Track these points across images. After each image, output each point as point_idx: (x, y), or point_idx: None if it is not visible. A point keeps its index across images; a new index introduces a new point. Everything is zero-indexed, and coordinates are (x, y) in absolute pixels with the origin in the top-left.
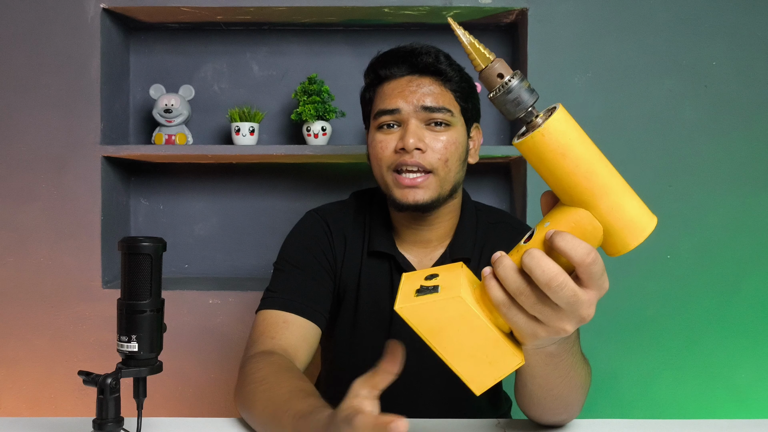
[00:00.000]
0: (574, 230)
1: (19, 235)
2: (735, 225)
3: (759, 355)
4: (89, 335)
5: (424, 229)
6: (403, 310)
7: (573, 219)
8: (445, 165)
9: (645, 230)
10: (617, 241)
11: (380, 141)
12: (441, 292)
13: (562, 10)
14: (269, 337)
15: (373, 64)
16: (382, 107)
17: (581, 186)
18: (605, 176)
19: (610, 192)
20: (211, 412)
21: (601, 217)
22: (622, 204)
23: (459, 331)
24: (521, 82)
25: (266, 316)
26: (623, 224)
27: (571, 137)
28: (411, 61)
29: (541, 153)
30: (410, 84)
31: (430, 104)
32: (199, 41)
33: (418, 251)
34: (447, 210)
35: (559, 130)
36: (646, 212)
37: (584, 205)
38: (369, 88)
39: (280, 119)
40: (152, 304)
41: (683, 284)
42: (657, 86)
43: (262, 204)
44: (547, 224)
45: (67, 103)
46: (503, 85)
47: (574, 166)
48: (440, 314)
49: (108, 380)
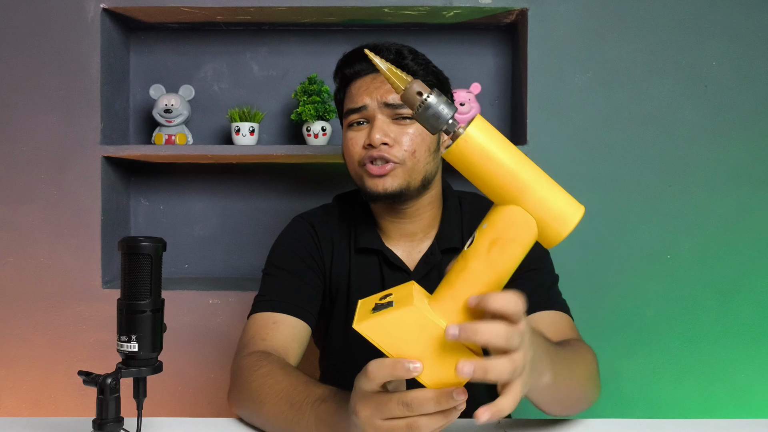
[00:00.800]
0: (509, 226)
1: (19, 235)
2: (735, 225)
3: (759, 355)
4: (89, 335)
5: (406, 222)
6: (361, 327)
7: (508, 216)
8: (413, 156)
9: (573, 219)
10: (550, 232)
11: (350, 138)
12: (395, 305)
13: (562, 10)
14: (260, 338)
15: (339, 66)
16: (350, 106)
17: (508, 185)
18: (528, 173)
19: (535, 187)
20: (211, 412)
21: (532, 211)
22: (548, 197)
23: (418, 341)
24: (438, 97)
25: (256, 319)
26: (552, 216)
27: (493, 140)
28: None
29: (467, 158)
30: (374, 81)
31: (393, 101)
32: (199, 41)
33: (404, 245)
34: (426, 201)
35: (480, 135)
36: (573, 202)
37: (515, 202)
38: (339, 89)
39: (280, 119)
40: (152, 304)
41: (683, 284)
42: (657, 86)
43: (262, 204)
44: (485, 226)
45: (67, 103)
46: (422, 102)
47: (499, 167)
48: (398, 326)
49: (108, 380)
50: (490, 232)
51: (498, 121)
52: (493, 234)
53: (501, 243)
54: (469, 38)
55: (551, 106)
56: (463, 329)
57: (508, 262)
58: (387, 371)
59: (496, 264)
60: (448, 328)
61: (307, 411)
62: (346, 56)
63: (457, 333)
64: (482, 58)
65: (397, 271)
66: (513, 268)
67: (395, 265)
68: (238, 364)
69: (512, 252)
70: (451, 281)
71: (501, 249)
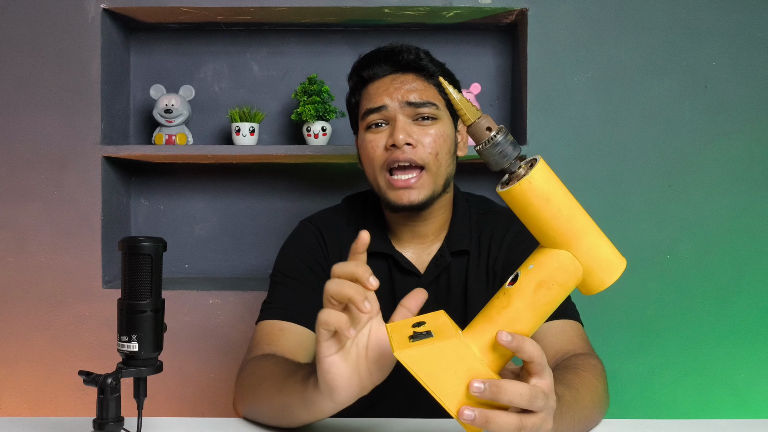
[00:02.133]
0: (558, 270)
1: (19, 235)
2: (735, 225)
3: (759, 355)
4: (89, 335)
5: (419, 224)
6: (402, 356)
7: (557, 260)
8: (436, 159)
9: (618, 268)
10: (594, 279)
11: (370, 140)
12: (436, 336)
13: (562, 10)
14: (266, 344)
15: (356, 67)
16: (368, 106)
17: (563, 229)
18: (583, 219)
19: (588, 233)
20: (211, 412)
21: (581, 257)
22: (599, 245)
23: (456, 374)
24: (506, 136)
25: (263, 326)
26: (600, 263)
27: (553, 185)
28: (393, 59)
29: (528, 200)
30: (394, 82)
31: (415, 100)
32: (199, 41)
33: (415, 247)
34: (440, 204)
35: (543, 178)
36: (617, 253)
37: (566, 246)
38: (354, 92)
39: (280, 119)
40: (152, 304)
41: (683, 284)
42: (657, 86)
43: (262, 204)
44: (531, 267)
45: (67, 103)
46: (490, 138)
47: (556, 211)
48: (438, 357)
49: (108, 380)
50: (537, 273)
51: (498, 121)
52: (541, 276)
53: (548, 286)
54: (469, 38)
55: (551, 106)
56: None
57: (552, 305)
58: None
59: (540, 306)
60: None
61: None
62: (363, 58)
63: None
64: (482, 58)
65: (407, 275)
66: (552, 311)
67: (405, 269)
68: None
69: (557, 296)
70: (491, 317)
71: (547, 292)
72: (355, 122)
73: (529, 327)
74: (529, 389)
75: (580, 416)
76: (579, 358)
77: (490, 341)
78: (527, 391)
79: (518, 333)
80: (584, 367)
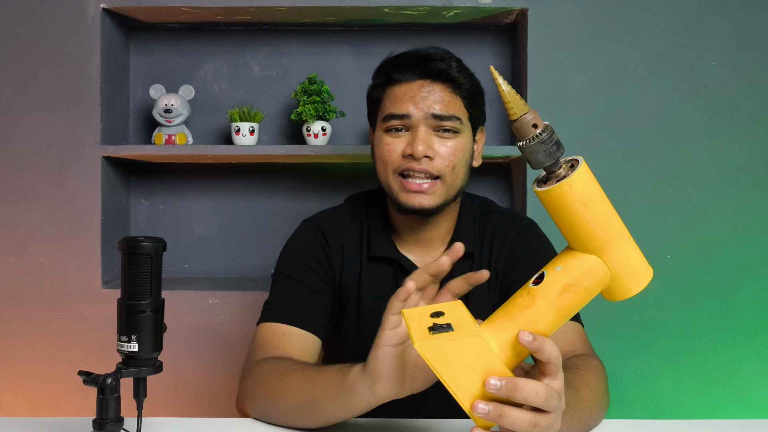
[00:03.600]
0: (587, 275)
1: (19, 235)
2: (735, 225)
3: (759, 355)
4: (89, 335)
5: (426, 229)
6: (423, 348)
7: (586, 264)
8: (453, 171)
9: (646, 278)
10: (621, 287)
11: (388, 144)
12: (457, 330)
13: (562, 10)
14: (272, 346)
15: (386, 65)
16: (392, 111)
17: (597, 234)
18: (618, 226)
19: (620, 241)
20: (211, 412)
21: (611, 263)
22: (630, 252)
23: (473, 369)
24: (551, 135)
25: (266, 328)
26: (629, 271)
27: (593, 189)
28: (424, 66)
29: (566, 202)
30: (421, 90)
31: (440, 112)
32: (199, 41)
33: (419, 251)
34: (448, 211)
35: (584, 181)
36: (646, 263)
37: (597, 252)
38: (378, 87)
39: (280, 119)
40: (152, 304)
41: (683, 284)
42: (657, 86)
43: (262, 204)
44: (558, 268)
45: (67, 103)
46: (536, 135)
47: (593, 216)
48: (458, 352)
49: (108, 380)
50: (564, 276)
51: (498, 121)
52: (568, 279)
53: (575, 290)
54: (469, 38)
55: (551, 106)
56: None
57: (575, 309)
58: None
59: (564, 309)
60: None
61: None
62: (395, 58)
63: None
64: (482, 58)
65: None
66: (574, 314)
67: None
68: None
69: (582, 300)
70: (513, 314)
71: (573, 296)
72: (373, 115)
73: (549, 328)
74: (545, 388)
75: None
76: (580, 358)
77: (510, 339)
78: (543, 390)
79: (538, 333)
80: (585, 367)
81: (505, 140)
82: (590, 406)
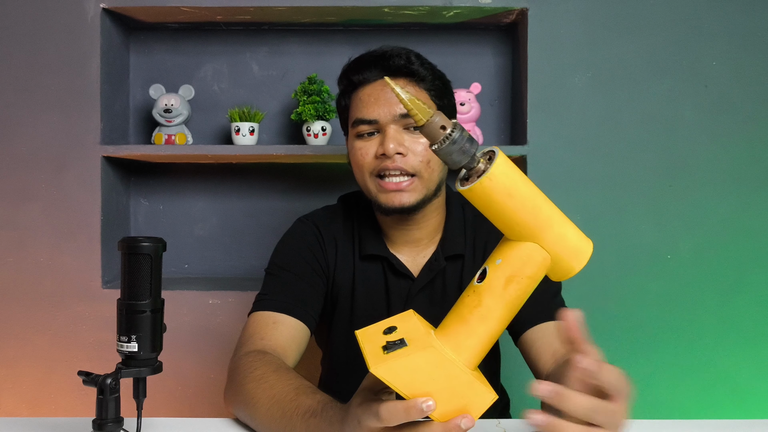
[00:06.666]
0: (526, 264)
1: (19, 235)
2: (735, 225)
3: (759, 355)
4: (89, 335)
5: (412, 229)
6: (379, 370)
7: (524, 253)
8: (428, 166)
9: (586, 253)
10: (563, 266)
11: (360, 148)
12: (410, 345)
13: (562, 10)
14: (259, 337)
15: (346, 71)
16: (359, 116)
17: (528, 221)
18: (547, 209)
19: (553, 223)
20: (211, 412)
21: (548, 247)
22: (564, 233)
23: (434, 380)
24: (462, 132)
25: (256, 317)
26: (568, 251)
27: (514, 178)
28: (383, 64)
29: (490, 196)
30: (384, 89)
31: (406, 111)
32: (199, 41)
33: (409, 251)
34: (433, 208)
35: (504, 173)
36: (584, 237)
37: (532, 238)
38: (344, 94)
39: (280, 119)
40: (152, 304)
41: (683, 284)
42: (657, 86)
43: (262, 204)
44: (498, 261)
45: (67, 103)
46: (447, 137)
47: (520, 205)
48: (415, 367)
49: (108, 380)
50: (505, 268)
51: (498, 121)
52: (510, 271)
53: (518, 280)
54: (469, 38)
55: (551, 107)
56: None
57: (523, 298)
58: (400, 416)
59: (512, 301)
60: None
61: (297, 423)
62: (353, 62)
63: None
64: (482, 58)
65: (401, 278)
66: (523, 303)
67: (400, 272)
68: (235, 363)
69: (527, 288)
70: (463, 316)
71: (518, 286)
72: (345, 123)
73: (501, 323)
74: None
75: None
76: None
77: (468, 342)
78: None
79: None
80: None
81: (506, 140)
82: None
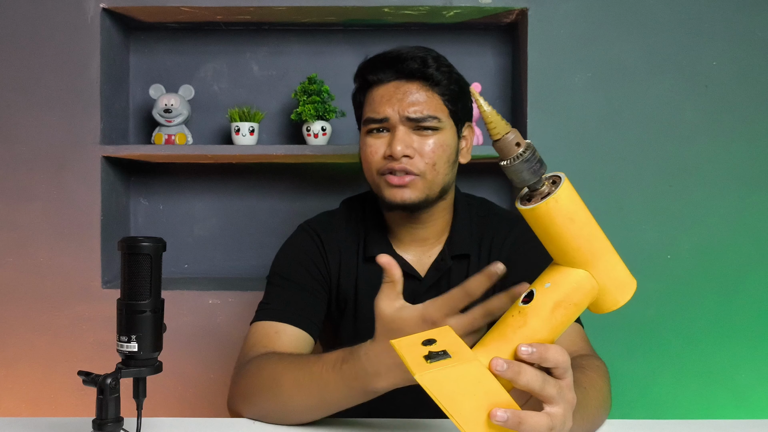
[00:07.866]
0: (576, 290)
1: (19, 235)
2: (735, 225)
3: (759, 356)
4: (89, 335)
5: (419, 227)
6: (424, 379)
7: (575, 279)
8: (433, 169)
9: (631, 288)
10: (609, 299)
11: (370, 145)
12: (454, 357)
13: (562, 10)
14: (263, 345)
15: (362, 69)
16: (370, 115)
17: (583, 248)
18: (602, 239)
19: (606, 253)
20: (211, 412)
21: (598, 276)
22: (615, 264)
23: (473, 395)
24: (534, 153)
25: (258, 327)
26: (616, 283)
27: (577, 203)
28: (397, 66)
29: (552, 218)
30: (397, 91)
31: (416, 115)
32: (199, 41)
33: (415, 250)
34: (440, 208)
35: (569, 197)
36: (629, 273)
37: (584, 265)
38: (359, 91)
39: (280, 119)
40: (152, 304)
41: (683, 284)
42: (657, 86)
43: (262, 204)
44: (547, 285)
45: (67, 103)
46: (520, 154)
47: (578, 230)
48: (458, 378)
49: (108, 380)
50: (554, 293)
51: None
52: (558, 296)
53: (566, 306)
54: (469, 38)
55: (551, 106)
56: (510, 365)
57: (566, 324)
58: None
59: (556, 326)
60: (497, 360)
61: (329, 375)
62: (369, 61)
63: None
64: (482, 58)
65: (407, 278)
66: (563, 331)
67: (406, 273)
68: (241, 370)
69: (572, 316)
70: (506, 335)
71: (564, 311)
72: (358, 119)
73: None
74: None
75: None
76: (583, 359)
77: None
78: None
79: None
80: (589, 367)
81: None
82: (596, 406)
